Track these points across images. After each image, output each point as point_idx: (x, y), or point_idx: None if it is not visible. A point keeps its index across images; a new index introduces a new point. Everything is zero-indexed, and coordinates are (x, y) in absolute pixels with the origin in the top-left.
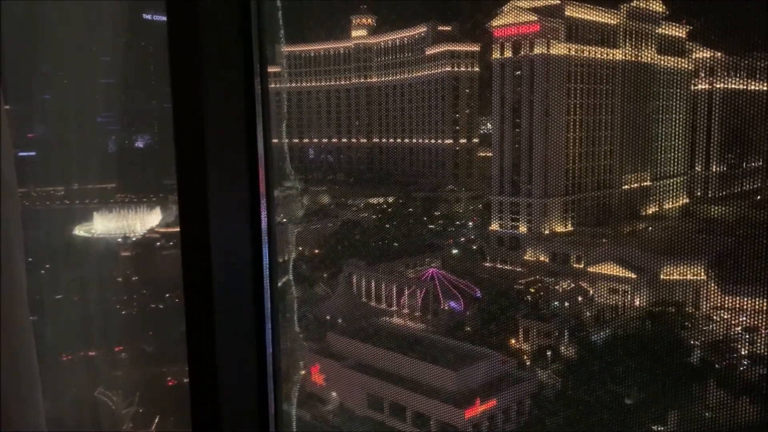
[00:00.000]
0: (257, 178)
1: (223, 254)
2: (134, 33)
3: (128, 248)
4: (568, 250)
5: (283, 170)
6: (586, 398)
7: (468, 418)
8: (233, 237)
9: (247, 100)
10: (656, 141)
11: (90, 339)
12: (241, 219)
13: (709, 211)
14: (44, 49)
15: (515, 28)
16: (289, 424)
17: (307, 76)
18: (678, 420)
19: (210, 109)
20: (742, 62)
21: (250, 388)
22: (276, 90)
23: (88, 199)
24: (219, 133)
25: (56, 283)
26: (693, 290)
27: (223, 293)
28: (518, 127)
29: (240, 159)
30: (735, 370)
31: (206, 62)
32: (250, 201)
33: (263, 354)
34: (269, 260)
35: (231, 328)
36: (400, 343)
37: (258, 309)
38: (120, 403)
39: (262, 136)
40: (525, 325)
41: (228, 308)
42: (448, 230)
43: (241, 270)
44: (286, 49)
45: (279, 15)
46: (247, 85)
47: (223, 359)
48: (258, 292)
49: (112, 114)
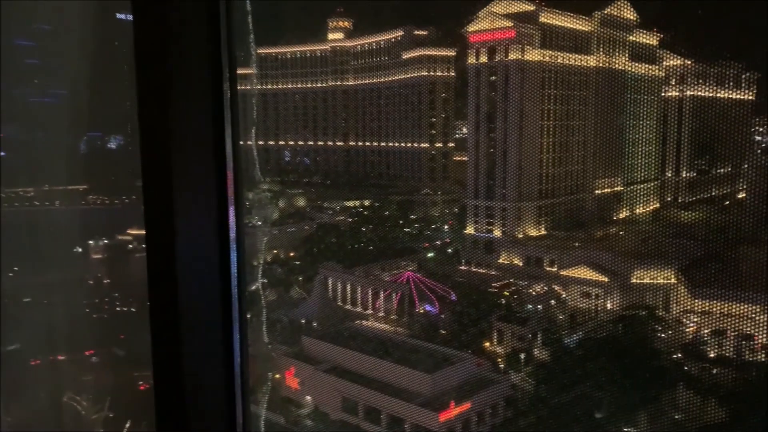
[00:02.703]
0: (225, 182)
1: (189, 258)
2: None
3: (100, 251)
4: (542, 254)
5: (254, 174)
6: (559, 399)
7: (443, 422)
8: (200, 241)
9: (216, 103)
10: (628, 147)
11: (59, 343)
12: (209, 223)
13: (679, 215)
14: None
15: (491, 33)
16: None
17: (282, 79)
18: (649, 419)
19: (177, 113)
20: (712, 70)
21: (217, 392)
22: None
23: (59, 200)
24: (186, 137)
25: (25, 286)
26: (663, 293)
27: (189, 297)
28: (493, 131)
29: (207, 162)
30: (704, 370)
31: (173, 65)
32: (217, 205)
33: (231, 358)
34: (238, 264)
35: (197, 332)
36: (374, 346)
37: (225, 313)
38: (90, 409)
39: (231, 140)
40: (499, 327)
41: (194, 312)
42: (423, 234)
43: (208, 274)
44: (260, 51)
45: (249, 19)
46: (216, 89)
47: (190, 364)
48: (226, 296)
49: (84, 115)
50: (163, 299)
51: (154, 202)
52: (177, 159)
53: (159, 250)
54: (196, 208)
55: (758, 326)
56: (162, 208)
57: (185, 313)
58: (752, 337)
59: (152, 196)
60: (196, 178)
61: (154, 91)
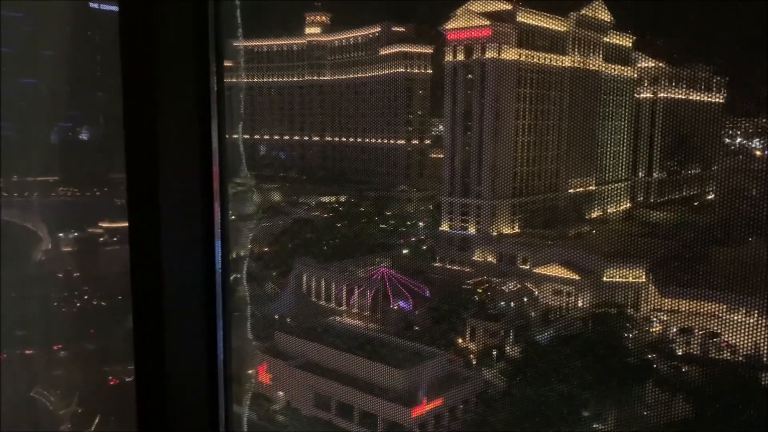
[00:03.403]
0: (211, 176)
1: (173, 253)
2: (81, 23)
3: (70, 243)
4: (516, 252)
5: (236, 168)
6: (532, 395)
7: (415, 417)
8: (184, 235)
9: (202, 96)
10: (601, 147)
11: (28, 337)
12: (193, 217)
13: (650, 215)
14: None
15: (468, 31)
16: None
17: (259, 72)
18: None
19: (162, 106)
20: (684, 72)
21: (200, 389)
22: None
23: (28, 191)
24: (171, 130)
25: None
26: (634, 292)
27: (172, 292)
28: (469, 129)
29: (193, 156)
30: (672, 367)
31: (159, 57)
32: (202, 199)
33: (214, 354)
34: (222, 259)
35: (180, 327)
36: (348, 342)
37: (209, 309)
38: (58, 403)
39: (217, 134)
40: (472, 324)
41: (178, 308)
42: (399, 230)
43: (192, 269)
44: (241, 44)
45: (237, 13)
46: (202, 81)
47: (172, 359)
48: (209, 291)
49: (55, 105)
50: (146, 294)
51: (139, 196)
52: (162, 153)
53: (143, 244)
54: (180, 202)
55: (725, 324)
56: (146, 202)
57: (169, 308)
58: (719, 335)
59: (136, 189)
60: (182, 172)
61: (139, 84)
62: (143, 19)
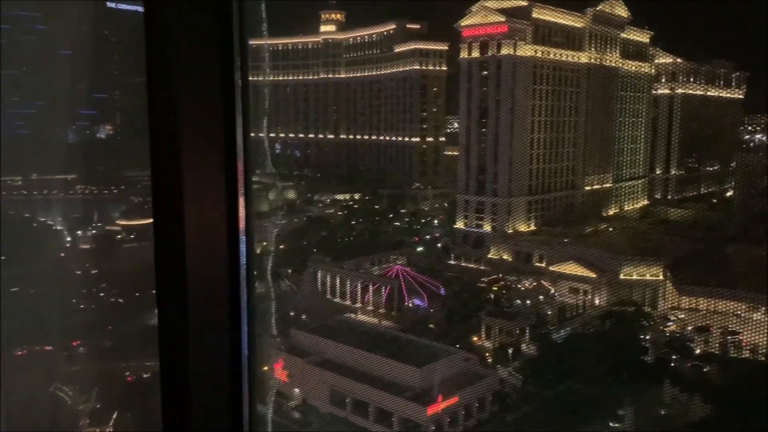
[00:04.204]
0: (235, 173)
1: (198, 251)
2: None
3: (88, 241)
4: (531, 249)
5: (266, 165)
6: (546, 393)
7: (430, 415)
8: (209, 232)
9: (226, 93)
10: (619, 144)
11: (47, 334)
12: (218, 214)
13: (667, 212)
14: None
15: (483, 28)
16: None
17: (275, 70)
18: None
19: (186, 103)
20: (702, 68)
21: (224, 387)
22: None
23: (47, 190)
24: (195, 126)
25: (12, 277)
26: (651, 290)
27: (197, 290)
28: (484, 126)
29: (218, 152)
30: (690, 365)
31: (183, 54)
32: (227, 195)
33: (238, 352)
34: (247, 257)
35: (205, 325)
36: (363, 339)
37: (233, 306)
38: (77, 399)
39: (242, 130)
40: (487, 322)
41: (202, 306)
42: (413, 228)
43: (216, 267)
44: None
45: (262, 8)
46: (227, 78)
47: (196, 357)
48: (234, 288)
49: (73, 104)
50: (171, 291)
51: (163, 193)
52: (186, 149)
53: (167, 241)
54: (205, 198)
55: (744, 323)
56: (171, 199)
57: (193, 305)
58: (737, 333)
59: (161, 187)
60: (206, 168)
61: (164, 82)
62: (168, 17)
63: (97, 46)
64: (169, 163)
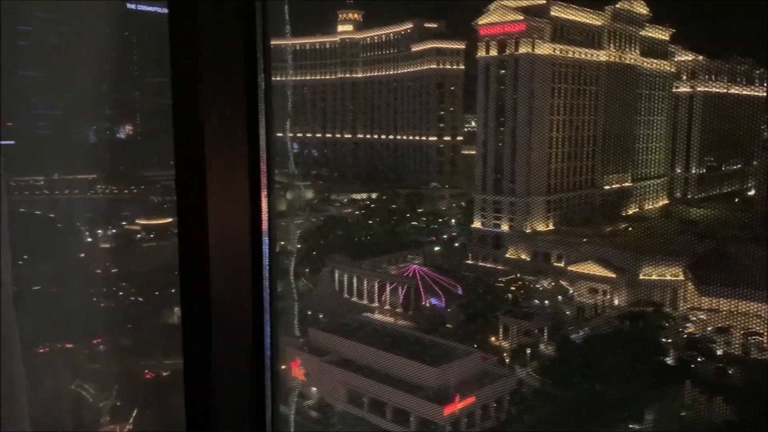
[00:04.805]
0: (258, 173)
1: (222, 250)
2: (117, 22)
3: (108, 240)
4: (550, 249)
5: (288, 166)
6: (565, 394)
7: (447, 415)
8: (233, 233)
9: (250, 93)
10: (638, 142)
11: (68, 331)
12: (242, 214)
13: (688, 212)
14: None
15: (501, 26)
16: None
17: (293, 70)
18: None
19: (210, 104)
20: (724, 66)
21: (247, 387)
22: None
23: (68, 189)
24: (219, 127)
25: (34, 275)
26: (671, 290)
27: (221, 290)
28: (502, 125)
29: (241, 153)
30: (712, 367)
31: (208, 55)
32: (250, 196)
33: (261, 352)
34: (269, 257)
35: (228, 325)
36: (380, 338)
37: (256, 307)
38: (97, 396)
39: (265, 131)
40: (505, 322)
41: (226, 306)
42: (430, 227)
43: (240, 266)
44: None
45: (285, 9)
46: (250, 79)
47: (220, 356)
48: (257, 289)
49: (94, 105)
50: (195, 291)
51: (188, 193)
52: (210, 150)
53: (192, 241)
54: (229, 199)
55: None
56: (195, 200)
57: (217, 304)
58: (760, 334)
59: (186, 187)
60: (230, 169)
61: (188, 82)
62: (193, 18)
63: (118, 47)
64: (194, 163)
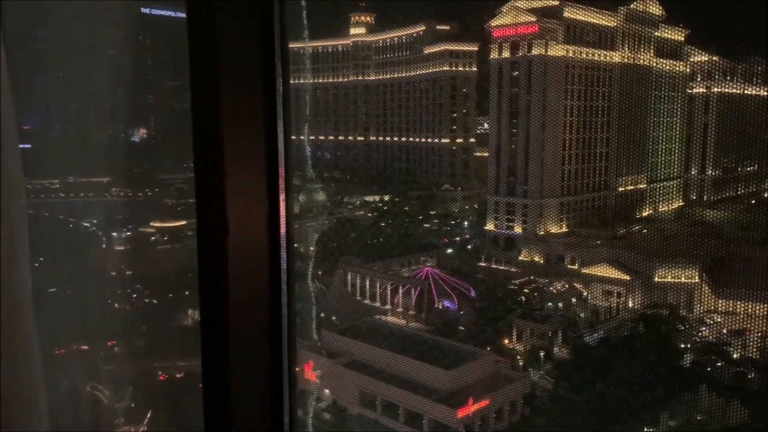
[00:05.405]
0: (277, 177)
1: (240, 253)
2: (131, 26)
3: (123, 243)
4: (563, 251)
5: (306, 170)
6: (578, 398)
7: (460, 418)
8: (251, 236)
9: (268, 97)
10: (652, 144)
11: (83, 333)
12: (260, 218)
13: (703, 214)
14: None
15: (514, 28)
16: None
17: (306, 73)
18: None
19: (229, 108)
20: (739, 66)
21: (265, 390)
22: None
23: (83, 192)
24: (237, 131)
25: (49, 277)
26: (686, 293)
27: (239, 292)
28: (515, 127)
29: (259, 156)
30: (727, 370)
31: (226, 59)
32: (268, 199)
33: (278, 355)
34: (287, 260)
35: (246, 327)
36: (393, 341)
37: (274, 310)
38: (112, 398)
39: (283, 135)
40: (518, 325)
41: (244, 308)
42: (443, 229)
43: (258, 269)
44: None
45: (303, 14)
46: (268, 83)
47: (238, 359)
48: (275, 292)
49: (109, 108)
50: (213, 293)
51: (207, 197)
52: (229, 153)
53: (210, 244)
54: (248, 202)
55: None
56: (214, 203)
57: (235, 307)
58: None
59: (205, 190)
60: (248, 172)
61: (206, 85)
62: (211, 22)
63: (133, 51)
64: (213, 166)
